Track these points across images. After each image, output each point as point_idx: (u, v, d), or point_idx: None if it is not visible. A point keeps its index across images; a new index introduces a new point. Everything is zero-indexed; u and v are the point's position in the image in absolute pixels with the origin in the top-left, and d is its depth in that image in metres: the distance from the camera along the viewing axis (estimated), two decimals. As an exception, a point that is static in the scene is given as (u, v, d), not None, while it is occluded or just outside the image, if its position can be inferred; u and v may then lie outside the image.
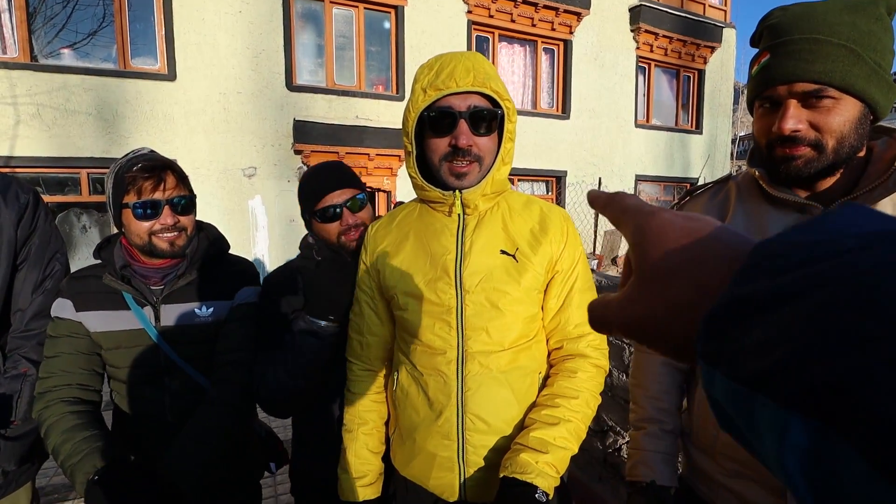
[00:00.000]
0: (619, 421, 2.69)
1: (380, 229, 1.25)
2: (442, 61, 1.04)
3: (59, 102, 6.61)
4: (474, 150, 1.06)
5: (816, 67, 0.85)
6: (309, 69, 8.11)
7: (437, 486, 1.12)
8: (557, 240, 1.13)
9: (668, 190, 12.07)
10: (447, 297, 1.09)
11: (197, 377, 1.39)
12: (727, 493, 1.08)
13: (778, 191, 0.97)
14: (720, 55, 11.94)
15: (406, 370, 1.16)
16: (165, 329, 1.35)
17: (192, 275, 1.38)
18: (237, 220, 7.64)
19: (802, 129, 0.89)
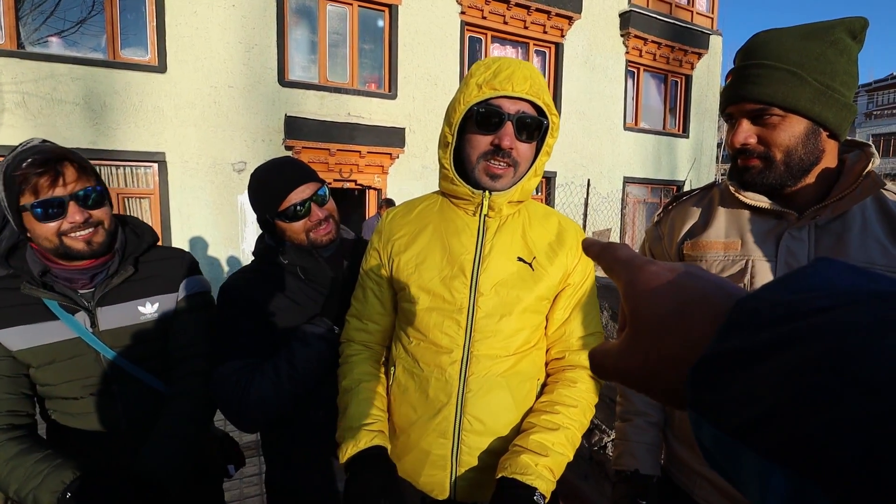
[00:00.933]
0: (604, 419, 2.75)
1: (397, 217, 1.24)
2: (500, 63, 1.04)
3: (45, 91, 6.51)
4: (514, 154, 1.07)
5: (761, 90, 0.95)
6: (301, 65, 8.08)
7: (427, 483, 1.12)
8: (573, 253, 1.15)
9: (656, 192, 12.23)
10: (461, 297, 1.09)
11: (150, 380, 1.30)
12: (704, 481, 1.14)
13: (754, 199, 1.05)
14: (707, 61, 12.12)
15: (404, 366, 1.15)
16: (106, 333, 1.24)
17: (127, 271, 1.27)
18: (226, 215, 7.61)
19: (751, 143, 0.99)
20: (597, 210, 10.76)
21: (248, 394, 1.20)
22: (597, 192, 10.71)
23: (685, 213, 1.21)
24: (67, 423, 1.23)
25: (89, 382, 1.23)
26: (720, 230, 1.11)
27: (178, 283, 1.37)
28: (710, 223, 1.13)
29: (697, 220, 1.17)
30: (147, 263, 1.34)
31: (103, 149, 6.82)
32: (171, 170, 7.21)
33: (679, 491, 1.20)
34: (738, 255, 1.07)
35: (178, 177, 7.27)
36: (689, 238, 1.16)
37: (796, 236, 1.01)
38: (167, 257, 1.40)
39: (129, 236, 1.33)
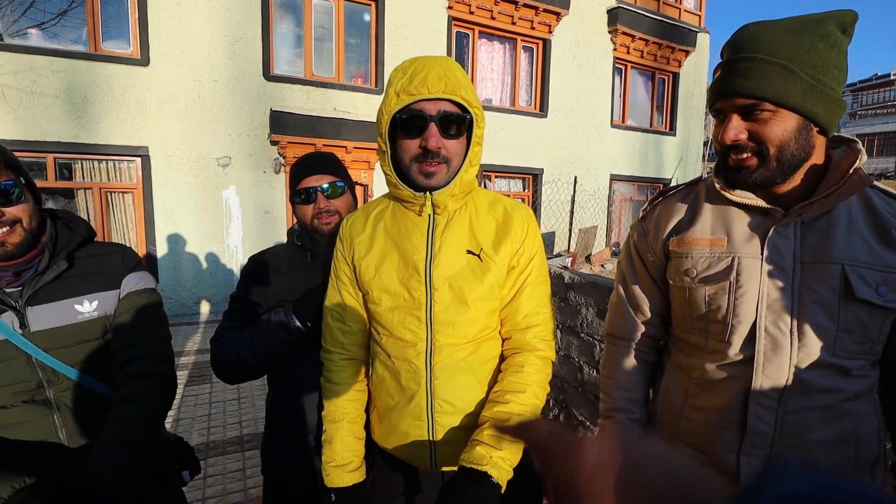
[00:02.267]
0: (588, 416, 2.78)
1: (355, 223, 1.29)
2: (416, 66, 1.09)
3: (25, 84, 6.39)
4: (443, 153, 1.12)
5: (752, 84, 0.93)
6: (287, 59, 8.01)
7: (411, 458, 1.23)
8: (518, 237, 1.20)
9: (642, 190, 12.31)
10: (418, 294, 1.16)
11: (91, 384, 1.20)
12: None
13: (740, 196, 1.04)
14: (694, 59, 12.21)
15: (380, 359, 1.24)
16: (38, 334, 1.14)
17: (59, 266, 1.18)
18: (210, 211, 7.53)
19: (742, 139, 0.97)
20: (583, 207, 10.81)
21: (219, 351, 1.39)
22: (583, 189, 10.76)
23: (671, 208, 1.19)
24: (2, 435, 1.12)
25: (21, 389, 1.13)
26: (706, 226, 1.10)
27: (119, 279, 1.28)
28: (696, 219, 1.12)
29: (683, 216, 1.16)
30: (84, 259, 1.24)
31: (85, 143, 6.71)
32: (154, 164, 7.12)
33: None
34: (724, 252, 1.06)
35: (162, 171, 7.19)
36: (675, 234, 1.15)
37: (782, 233, 1.00)
38: (106, 252, 1.30)
39: (59, 230, 1.23)
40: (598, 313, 2.71)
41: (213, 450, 3.42)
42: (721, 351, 1.06)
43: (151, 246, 7.26)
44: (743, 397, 1.02)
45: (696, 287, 1.09)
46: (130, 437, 1.15)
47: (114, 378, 1.25)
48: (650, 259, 1.21)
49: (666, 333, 1.27)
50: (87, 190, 6.93)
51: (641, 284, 1.25)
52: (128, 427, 1.16)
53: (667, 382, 1.21)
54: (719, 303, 1.05)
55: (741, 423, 1.03)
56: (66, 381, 1.18)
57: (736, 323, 1.03)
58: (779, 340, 0.99)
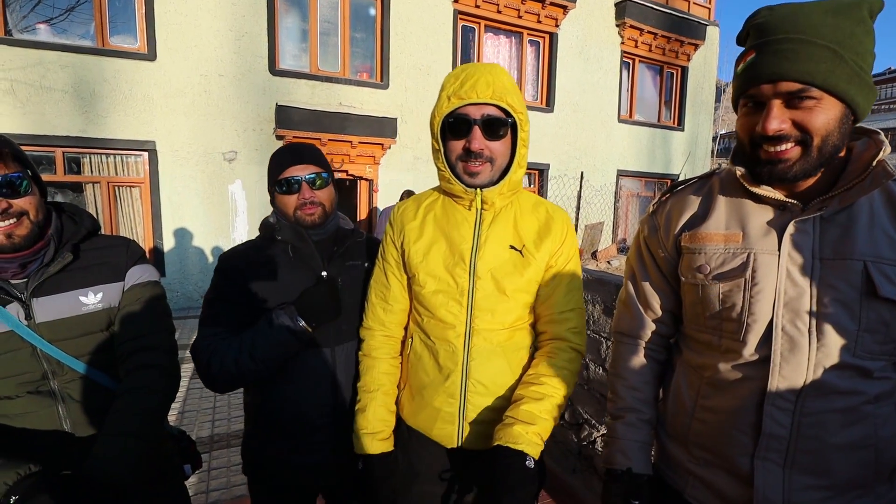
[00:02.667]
0: (594, 414, 2.75)
1: (407, 210, 1.40)
2: (467, 72, 1.19)
3: (34, 79, 6.42)
4: (486, 153, 1.22)
5: (800, 67, 0.85)
6: (292, 54, 7.99)
7: (438, 435, 1.31)
8: (558, 239, 1.31)
9: (649, 185, 12.22)
10: (462, 281, 1.27)
11: (95, 375, 1.20)
12: (696, 480, 1.11)
13: (759, 189, 0.98)
14: (703, 52, 12.07)
15: (420, 338, 1.34)
16: (43, 325, 1.14)
17: (65, 258, 1.18)
18: (216, 205, 7.55)
19: (786, 129, 0.90)
20: (590, 203, 10.76)
21: (212, 362, 1.30)
22: (590, 184, 10.70)
23: (683, 202, 1.14)
24: (5, 425, 1.12)
25: (25, 380, 1.13)
26: (720, 221, 1.05)
27: (123, 271, 1.29)
28: (710, 214, 1.07)
29: (696, 211, 1.11)
30: (89, 251, 1.25)
31: (93, 137, 6.74)
32: (161, 159, 7.14)
33: (670, 490, 1.17)
34: (739, 247, 1.01)
35: (169, 166, 7.21)
36: (688, 229, 1.10)
37: (801, 228, 0.95)
38: (111, 245, 1.31)
39: (65, 223, 1.24)
40: (604, 310, 2.68)
41: (217, 442, 3.43)
42: (735, 350, 1.02)
43: (158, 240, 7.29)
44: (758, 398, 0.98)
45: (709, 284, 1.05)
46: (135, 428, 1.15)
47: (117, 370, 1.25)
48: (661, 255, 1.18)
49: (676, 331, 1.24)
50: (95, 184, 6.97)
51: (652, 281, 1.21)
52: (132, 418, 1.16)
53: (677, 382, 1.17)
54: (734, 300, 1.01)
55: (756, 426, 0.99)
56: (71, 373, 1.18)
57: (751, 322, 0.99)
58: (796, 340, 0.95)
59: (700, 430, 1.09)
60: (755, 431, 0.99)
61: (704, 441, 1.08)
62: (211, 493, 2.87)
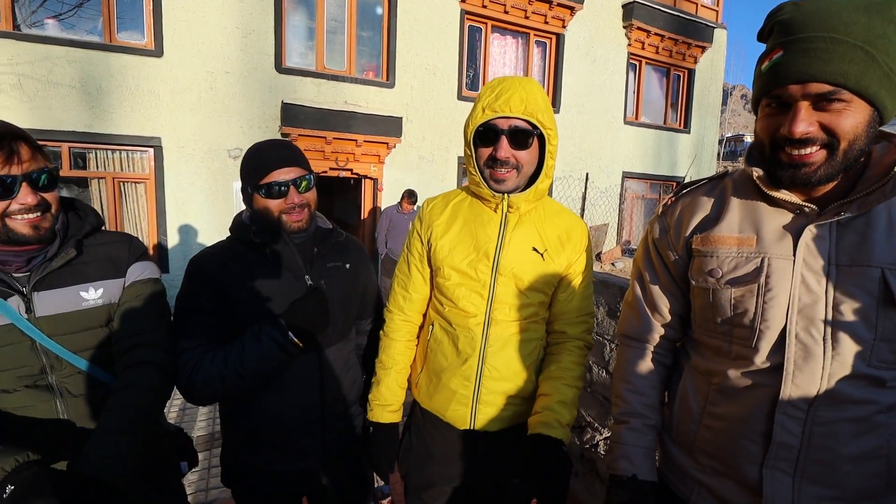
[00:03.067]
0: (596, 417, 2.74)
1: (436, 207, 1.50)
2: (503, 86, 1.28)
3: (41, 74, 6.43)
4: (512, 161, 1.31)
5: (832, 68, 0.82)
6: (299, 52, 7.99)
7: (452, 416, 1.43)
8: (577, 249, 1.43)
9: (655, 188, 12.18)
10: (484, 276, 1.37)
11: (93, 371, 1.21)
12: (702, 488, 1.09)
13: (777, 192, 0.96)
14: (710, 55, 12.02)
15: (440, 325, 1.45)
16: (43, 319, 1.14)
17: (68, 254, 1.18)
18: (220, 202, 7.55)
19: (813, 131, 0.87)
20: (594, 205, 10.73)
21: (194, 378, 1.25)
22: (595, 186, 10.66)
23: (695, 203, 1.11)
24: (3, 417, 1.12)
25: (24, 374, 1.13)
26: (733, 224, 1.02)
27: (125, 267, 1.29)
28: (723, 216, 1.05)
29: (709, 213, 1.08)
30: (91, 247, 1.25)
31: (99, 132, 6.75)
32: (166, 155, 7.15)
33: (674, 497, 1.15)
34: (752, 252, 0.98)
35: (174, 162, 7.21)
36: (699, 232, 1.08)
37: (817, 233, 0.92)
38: (113, 241, 1.31)
39: (70, 218, 1.25)
40: (608, 312, 2.67)
41: (217, 440, 3.43)
42: (746, 357, 1.00)
43: (162, 236, 7.30)
44: (768, 406, 0.96)
45: (721, 289, 1.03)
46: (129, 425, 1.14)
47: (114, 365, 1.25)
48: (671, 257, 1.15)
49: (684, 335, 1.22)
50: (101, 179, 6.97)
51: (660, 283, 1.19)
52: (126, 415, 1.15)
53: (684, 387, 1.15)
54: (746, 306, 0.99)
55: (765, 434, 0.97)
56: (69, 368, 1.18)
57: (764, 328, 0.97)
58: (810, 348, 0.93)
59: (707, 437, 1.07)
60: (765, 440, 0.97)
61: (711, 448, 1.06)
62: (210, 490, 2.86)
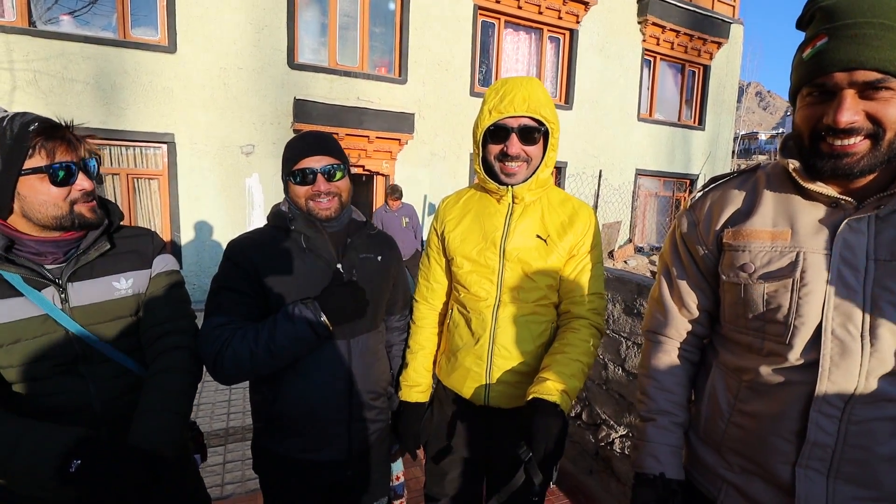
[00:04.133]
0: (612, 415, 2.70)
1: (449, 204, 1.64)
2: (506, 87, 1.39)
3: (56, 70, 6.50)
4: (522, 155, 1.42)
5: (883, 55, 0.79)
6: (311, 48, 8.00)
7: (468, 392, 1.53)
8: (580, 232, 1.49)
9: (668, 185, 12.06)
10: (493, 263, 1.48)
11: (121, 359, 1.24)
12: (730, 488, 1.06)
13: (813, 185, 0.93)
14: (726, 51, 11.87)
15: (458, 309, 1.58)
16: (78, 309, 1.18)
17: (102, 247, 1.23)
18: (233, 198, 7.59)
19: (858, 121, 0.84)
20: (607, 202, 10.64)
21: (224, 353, 1.27)
22: (608, 183, 10.58)
23: (726, 196, 1.09)
24: (35, 404, 1.13)
25: (58, 362, 1.15)
26: (767, 218, 1.00)
27: (150, 259, 1.35)
28: (755, 209, 1.02)
29: (740, 206, 1.05)
30: (119, 240, 1.30)
31: (113, 129, 6.81)
32: (179, 151, 7.19)
33: (701, 496, 1.13)
34: (787, 246, 0.95)
35: (187, 158, 7.25)
36: (731, 226, 1.05)
37: (855, 227, 0.89)
38: (138, 234, 1.37)
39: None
40: (625, 310, 2.62)
41: (232, 435, 3.43)
42: (780, 354, 0.97)
43: (176, 232, 7.35)
44: (802, 404, 0.94)
45: (753, 284, 1.00)
46: (173, 404, 1.21)
47: (142, 354, 1.30)
48: (699, 251, 1.12)
49: (711, 331, 1.19)
50: (115, 175, 7.03)
51: (688, 278, 1.16)
52: (169, 395, 1.22)
53: (712, 385, 1.12)
54: (780, 302, 0.96)
55: (798, 433, 0.94)
56: (100, 356, 1.21)
57: (799, 324, 0.94)
58: (848, 345, 0.89)
59: (736, 435, 1.05)
60: (797, 438, 0.94)
61: (741, 447, 1.04)
62: (226, 486, 2.86)
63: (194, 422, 1.57)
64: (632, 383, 2.56)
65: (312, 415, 1.40)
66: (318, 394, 1.40)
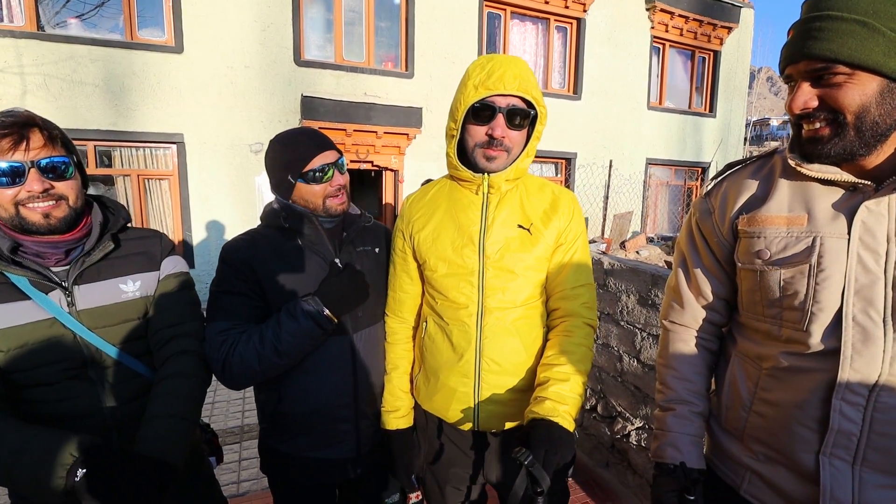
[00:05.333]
0: (627, 407, 2.67)
1: (415, 202, 1.44)
2: (493, 64, 1.21)
3: (65, 73, 6.55)
4: (506, 142, 1.25)
5: (822, 46, 0.84)
6: (317, 44, 7.98)
7: (454, 416, 1.34)
8: (566, 217, 1.34)
9: (679, 174, 11.92)
10: (471, 262, 1.29)
11: (130, 362, 1.22)
12: (754, 476, 1.05)
13: (820, 171, 0.92)
14: (737, 36, 11.67)
15: (433, 320, 1.37)
16: (85, 313, 1.16)
17: (107, 247, 1.21)
18: (243, 196, 7.62)
19: (812, 106, 0.88)
20: (618, 192, 10.55)
21: (231, 359, 1.25)
22: (619, 173, 10.48)
23: (740, 184, 1.08)
24: (43, 410, 1.12)
25: (67, 366, 1.13)
26: (782, 203, 0.98)
27: (159, 261, 1.32)
28: (771, 195, 1.01)
29: (755, 192, 1.04)
30: (126, 241, 1.28)
31: (123, 130, 6.85)
32: (189, 151, 7.23)
33: (723, 485, 1.12)
34: (803, 231, 0.94)
35: (197, 158, 7.29)
36: (746, 212, 1.04)
37: (874, 210, 0.88)
38: (145, 236, 1.35)
39: (105, 212, 1.27)
40: (639, 301, 2.59)
41: (248, 433, 3.45)
42: (799, 341, 0.95)
43: (187, 232, 7.40)
44: (824, 392, 0.92)
45: (768, 270, 0.99)
46: (182, 410, 1.18)
47: (150, 358, 1.28)
48: (715, 239, 1.11)
49: (729, 319, 1.17)
50: (126, 177, 7.09)
51: (704, 266, 1.15)
52: (178, 401, 1.19)
53: (732, 373, 1.11)
54: (796, 288, 0.95)
55: (821, 420, 0.92)
56: (109, 359, 1.20)
57: (816, 310, 0.92)
58: (870, 331, 0.87)
59: (758, 423, 1.03)
60: (821, 426, 0.93)
61: (763, 435, 1.03)
62: (242, 483, 2.88)
63: (208, 424, 1.56)
64: (647, 375, 2.54)
65: (319, 413, 1.39)
66: (323, 391, 1.38)
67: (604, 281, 2.81)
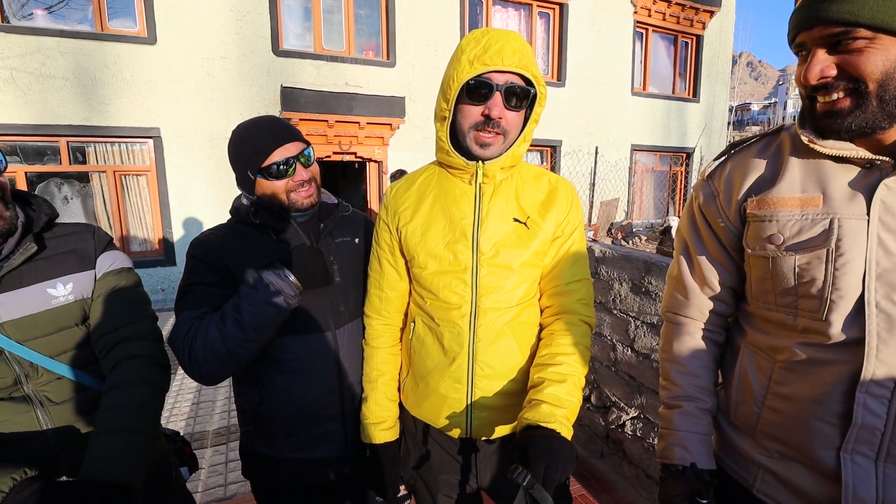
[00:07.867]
0: (622, 396, 2.63)
1: (399, 191, 1.31)
2: (490, 37, 1.10)
3: (34, 67, 6.31)
4: (503, 123, 1.14)
5: (840, 8, 0.77)
6: (296, 33, 7.79)
7: (445, 424, 1.25)
8: (563, 209, 1.25)
9: (665, 160, 11.95)
10: (464, 259, 1.19)
11: (74, 374, 1.12)
12: (767, 474, 0.99)
13: (835, 149, 0.86)
14: (719, 20, 11.67)
15: (423, 322, 1.27)
16: (10, 324, 1.05)
17: (28, 249, 1.07)
18: (224, 191, 7.45)
19: (831, 75, 0.81)
20: (604, 179, 10.54)
21: (195, 344, 1.15)
22: (604, 160, 10.46)
23: (746, 164, 1.01)
24: None
25: None
26: (794, 183, 0.91)
27: (92, 259, 1.19)
28: (781, 175, 0.93)
29: (764, 173, 0.97)
30: (51, 240, 1.15)
31: (97, 125, 6.64)
32: (166, 146, 7.04)
33: (733, 483, 1.06)
34: (819, 212, 0.88)
35: (174, 153, 7.10)
36: (754, 194, 0.97)
37: (893, 188, 0.82)
38: (75, 232, 1.20)
39: (26, 211, 1.14)
40: (631, 288, 2.54)
41: (234, 433, 3.36)
42: (818, 331, 0.89)
43: (167, 228, 7.22)
44: (846, 385, 0.86)
45: (782, 256, 0.92)
46: (131, 423, 1.05)
47: (98, 367, 1.16)
48: (720, 224, 1.04)
49: (736, 309, 1.11)
50: (102, 173, 6.89)
51: (709, 254, 1.08)
52: (128, 413, 1.06)
53: (742, 366, 1.05)
54: (813, 274, 0.88)
55: (843, 415, 0.87)
56: (47, 374, 1.09)
57: (836, 298, 0.86)
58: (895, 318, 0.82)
59: (772, 419, 0.97)
60: (842, 421, 0.87)
61: (777, 432, 0.96)
62: (229, 486, 2.79)
63: (177, 432, 1.47)
64: (641, 364, 2.49)
65: (304, 413, 1.32)
66: (306, 391, 1.31)
67: (595, 269, 2.76)
